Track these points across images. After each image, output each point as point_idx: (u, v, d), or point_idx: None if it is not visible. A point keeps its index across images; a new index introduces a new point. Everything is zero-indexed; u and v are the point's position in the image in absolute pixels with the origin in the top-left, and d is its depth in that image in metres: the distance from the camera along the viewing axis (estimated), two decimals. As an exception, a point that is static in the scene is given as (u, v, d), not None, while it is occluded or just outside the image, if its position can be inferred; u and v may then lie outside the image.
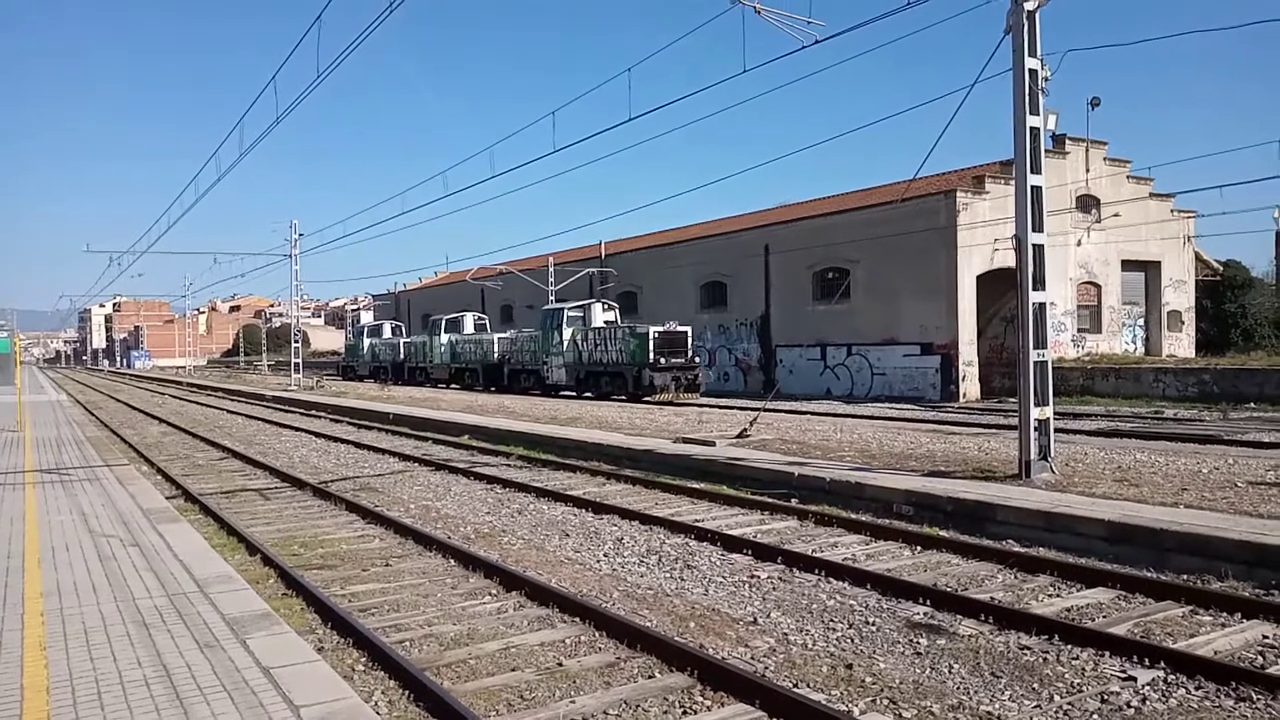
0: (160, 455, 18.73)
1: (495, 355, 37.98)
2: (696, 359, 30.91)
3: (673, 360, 29.10)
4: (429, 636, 6.60)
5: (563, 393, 33.18)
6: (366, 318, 74.41)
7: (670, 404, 27.42)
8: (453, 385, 41.60)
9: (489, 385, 38.30)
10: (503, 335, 38.96)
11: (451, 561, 8.87)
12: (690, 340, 30.53)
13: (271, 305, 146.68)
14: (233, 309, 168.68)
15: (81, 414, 31.26)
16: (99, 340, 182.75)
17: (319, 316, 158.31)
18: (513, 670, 5.88)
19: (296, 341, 48.65)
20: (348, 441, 20.65)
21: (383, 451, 18.55)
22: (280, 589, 7.95)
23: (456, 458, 17.02)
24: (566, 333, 32.66)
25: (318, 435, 22.52)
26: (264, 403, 37.11)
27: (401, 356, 48.09)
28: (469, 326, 43.65)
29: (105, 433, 24.11)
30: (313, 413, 30.50)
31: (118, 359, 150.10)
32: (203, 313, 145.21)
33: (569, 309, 33.59)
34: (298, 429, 24.44)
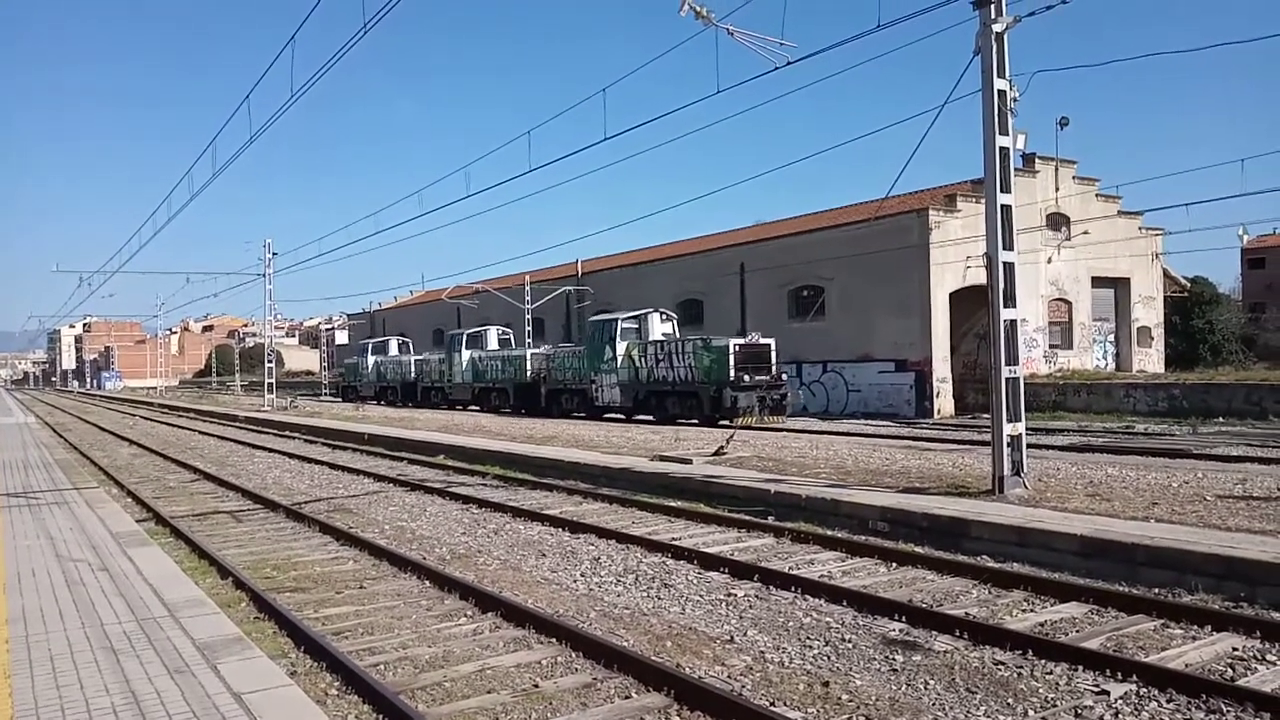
0: (130, 478, 18.47)
1: (529, 373, 33.84)
2: (784, 376, 27.18)
3: (757, 378, 25.46)
4: (404, 659, 6.54)
5: (607, 415, 29.69)
6: (341, 337, 73.82)
7: (751, 429, 23.50)
8: (472, 407, 37.69)
9: (521, 407, 33.88)
10: (536, 351, 35.09)
11: (427, 583, 8.80)
12: (774, 355, 26.81)
13: (245, 325, 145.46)
14: (205, 329, 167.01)
15: (50, 436, 30.79)
16: (69, 361, 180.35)
17: (293, 336, 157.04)
18: (489, 692, 5.84)
19: (270, 361, 48.24)
20: (321, 462, 20.47)
21: (357, 472, 18.40)
22: (253, 612, 7.85)
23: (432, 478, 16.91)
24: (620, 347, 28.76)
25: (291, 456, 22.31)
26: (237, 424, 36.73)
27: (413, 375, 43.93)
28: (493, 341, 39.52)
29: (74, 455, 23.75)
30: (286, 433, 30.22)
31: (88, 380, 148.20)
32: (175, 333, 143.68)
33: (623, 319, 29.59)
34: (271, 450, 24.19)
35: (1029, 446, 11.88)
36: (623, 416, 29.23)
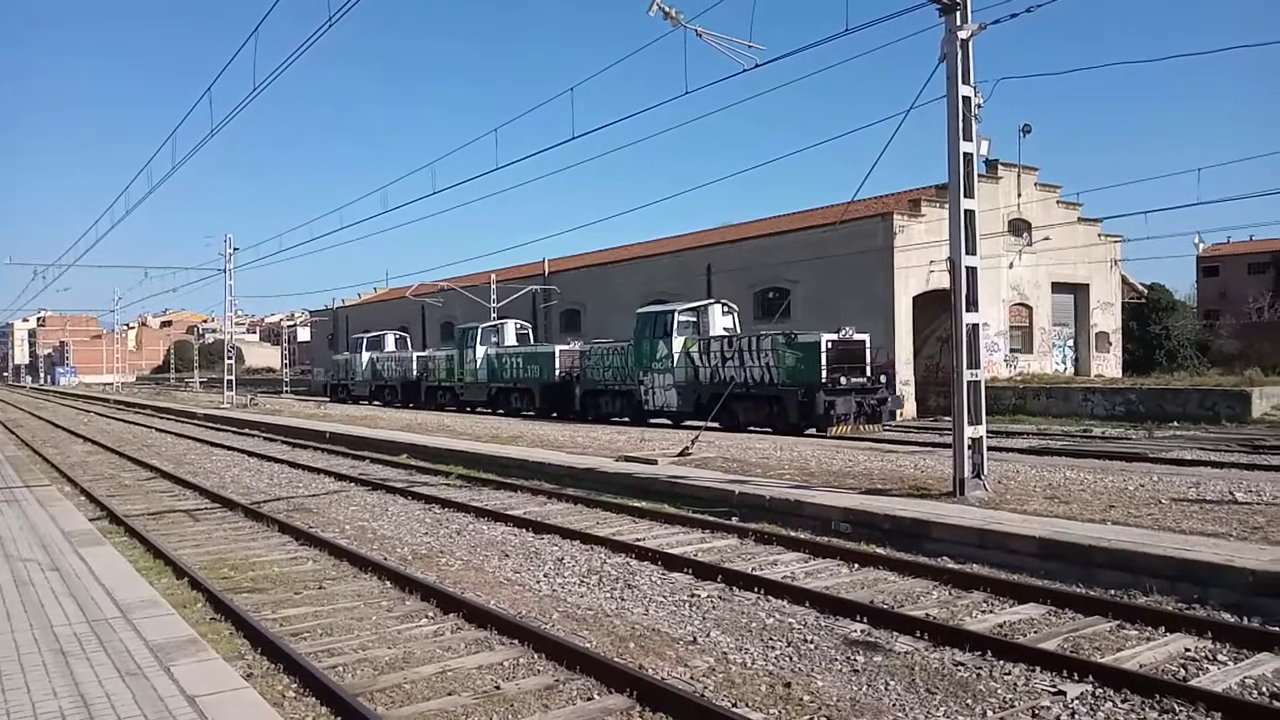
0: (84, 475, 18.10)
1: (557, 373, 30.30)
2: (882, 377, 23.80)
3: (853, 380, 22.24)
4: (363, 661, 6.46)
5: (654, 420, 26.29)
6: (303, 334, 72.93)
7: (845, 439, 20.70)
8: (480, 409, 33.96)
9: (550, 410, 30.30)
10: (566, 347, 31.35)
11: (388, 583, 8.71)
12: (869, 352, 23.59)
13: (205, 321, 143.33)
14: (164, 324, 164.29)
15: (0, 432, 30.09)
16: (22, 356, 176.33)
17: (254, 333, 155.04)
18: (449, 694, 5.78)
19: (230, 358, 47.56)
20: (282, 461, 20.20)
21: (318, 471, 18.18)
22: (209, 613, 7.71)
23: (394, 477, 16.75)
24: (676, 343, 25.31)
25: (251, 454, 21.99)
26: (195, 421, 36.15)
27: (415, 374, 39.66)
28: (510, 337, 35.30)
29: (26, 452, 23.25)
30: (246, 431, 29.80)
31: (42, 375, 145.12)
32: (132, 328, 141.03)
33: (680, 311, 26.09)
34: (230, 448, 23.84)
35: (989, 449, 12.00)
36: (669, 423, 25.52)
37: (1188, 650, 6.44)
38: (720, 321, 26.23)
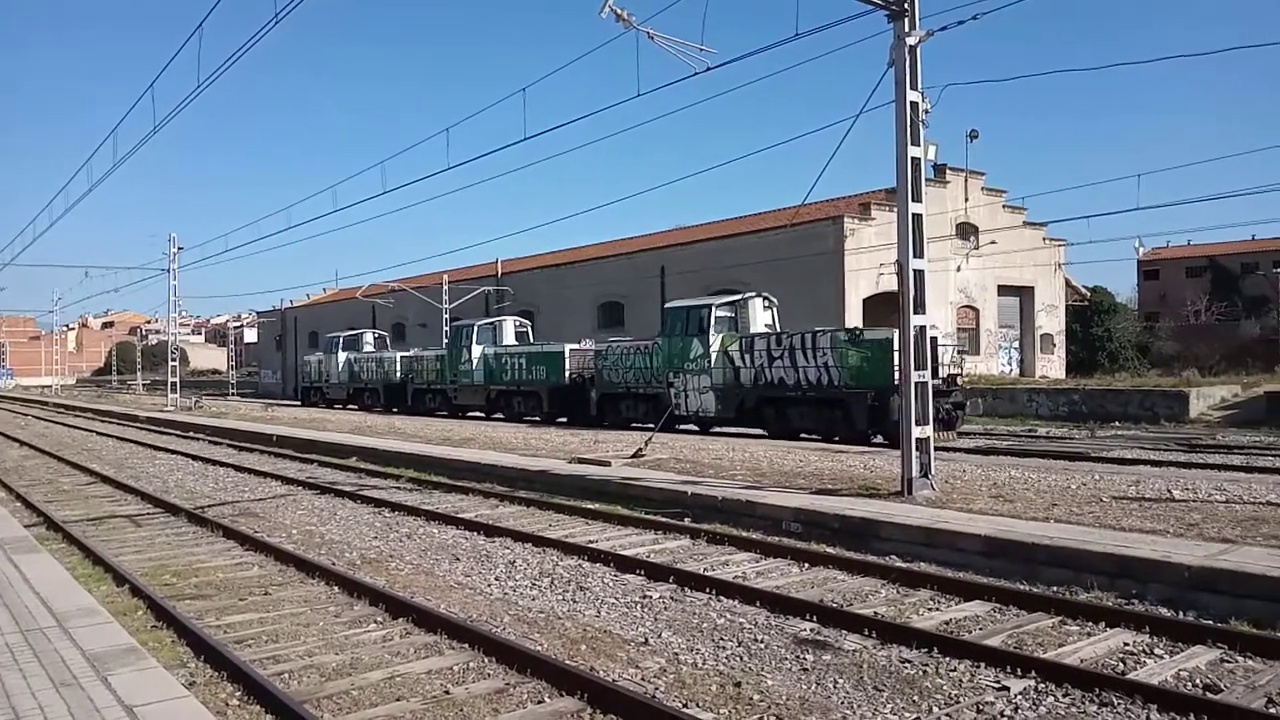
0: (20, 480, 17.58)
1: (568, 374, 27.73)
2: (957, 379, 21.21)
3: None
4: (309, 667, 6.36)
5: (683, 427, 23.60)
6: (250, 335, 71.68)
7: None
8: (475, 414, 31.86)
9: (559, 415, 27.94)
10: (578, 347, 28.53)
11: (335, 589, 8.58)
12: (941, 351, 20.08)
13: (148, 322, 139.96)
14: (105, 325, 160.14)
15: (-68, 437, 29.11)
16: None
17: (199, 334, 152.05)
18: (397, 700, 5.71)
19: (174, 360, 46.52)
20: (227, 464, 19.81)
21: (264, 475, 17.86)
22: (149, 621, 7.53)
23: (343, 480, 16.52)
24: (713, 341, 22.56)
25: (195, 458, 21.53)
26: (137, 424, 35.31)
27: (399, 375, 36.66)
28: (509, 335, 32.60)
29: (-42, 457, 22.49)
30: (190, 434, 29.18)
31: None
32: (72, 329, 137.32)
33: (717, 306, 23.28)
34: (174, 451, 23.32)
35: (936, 449, 12.19)
36: (696, 429, 23.18)
37: (1126, 645, 6.59)
38: (761, 317, 23.67)
